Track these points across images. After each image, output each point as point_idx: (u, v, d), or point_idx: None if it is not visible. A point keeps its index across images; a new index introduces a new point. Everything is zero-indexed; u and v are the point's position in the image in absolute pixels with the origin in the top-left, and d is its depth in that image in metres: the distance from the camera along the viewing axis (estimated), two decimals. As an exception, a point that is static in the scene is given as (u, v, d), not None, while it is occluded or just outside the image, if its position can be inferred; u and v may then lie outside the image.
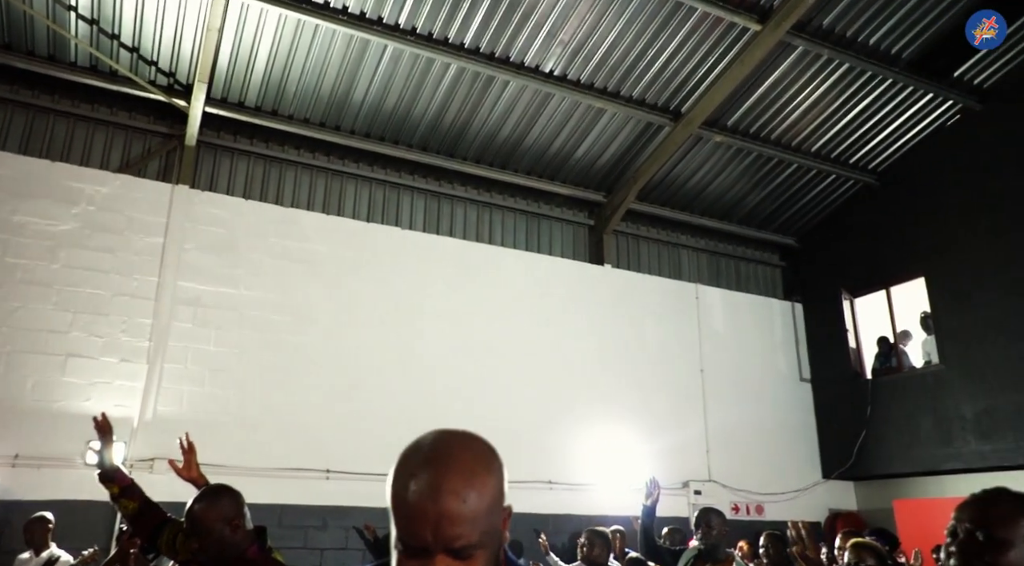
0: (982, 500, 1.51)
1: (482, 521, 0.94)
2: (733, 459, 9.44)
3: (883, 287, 9.82)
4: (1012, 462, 7.95)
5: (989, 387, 8.34)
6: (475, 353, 8.24)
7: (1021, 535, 1.43)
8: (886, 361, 9.75)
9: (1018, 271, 8.21)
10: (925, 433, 8.96)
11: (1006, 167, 8.57)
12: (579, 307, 9.11)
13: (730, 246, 10.96)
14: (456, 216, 9.03)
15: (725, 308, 10.32)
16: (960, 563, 1.46)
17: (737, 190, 10.15)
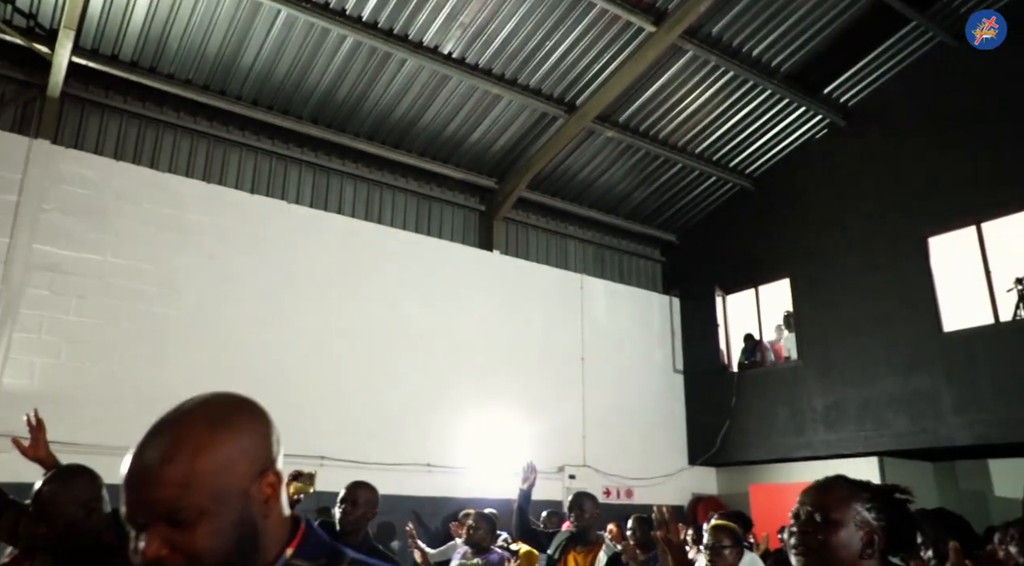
0: (821, 486, 1.64)
1: (203, 484, 0.88)
2: (607, 445, 9.79)
3: (753, 286, 10.44)
4: (853, 450, 8.70)
5: (838, 383, 9.06)
6: (357, 333, 8.10)
7: (851, 517, 1.57)
8: (751, 356, 10.39)
9: (870, 278, 8.93)
10: (781, 423, 9.62)
11: (863, 181, 9.30)
12: (466, 291, 9.14)
13: (615, 239, 11.31)
14: (345, 193, 8.82)
15: (608, 299, 10.65)
16: (799, 541, 1.58)
17: (624, 185, 10.47)
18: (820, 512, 1.58)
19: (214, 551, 0.89)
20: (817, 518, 1.58)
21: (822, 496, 1.62)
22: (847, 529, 1.56)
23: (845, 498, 1.61)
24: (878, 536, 1.58)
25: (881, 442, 8.54)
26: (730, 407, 10.17)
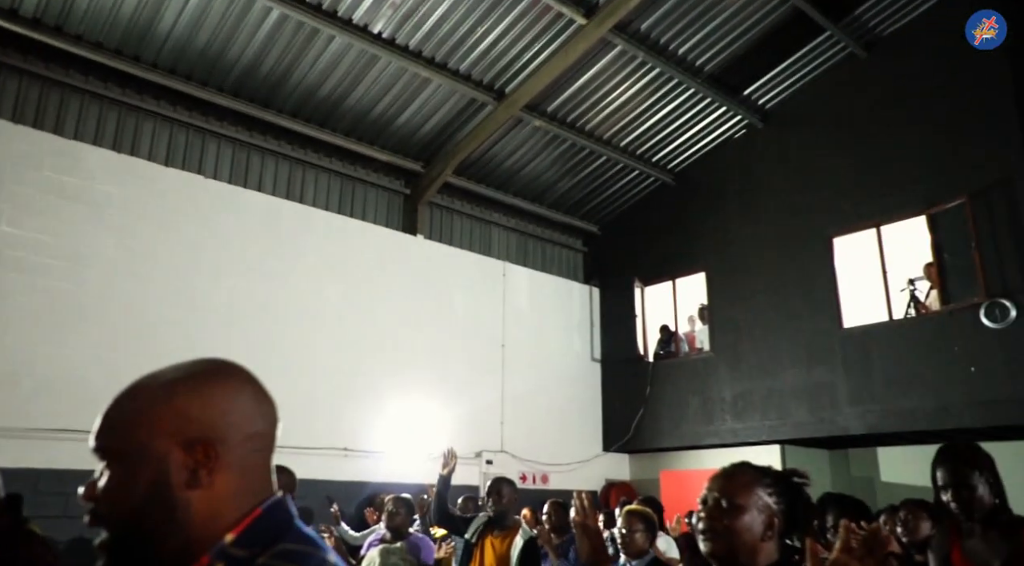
0: (727, 473, 1.73)
1: (122, 429, 0.89)
2: (525, 431, 9.92)
3: (670, 278, 10.75)
4: (757, 438, 9.12)
5: (746, 374, 9.46)
6: (274, 314, 7.91)
7: (754, 502, 1.66)
8: (666, 346, 10.72)
9: (780, 275, 9.35)
10: (692, 412, 9.98)
11: (777, 181, 9.70)
12: (388, 275, 9.05)
13: (539, 228, 11.42)
14: (266, 170, 8.56)
15: (529, 287, 10.76)
16: (706, 526, 1.67)
17: (550, 175, 10.58)
18: (726, 498, 1.67)
19: (118, 502, 0.88)
20: (723, 504, 1.67)
21: (728, 483, 1.71)
22: (750, 513, 1.65)
23: (749, 484, 1.70)
24: (778, 519, 1.68)
25: (783, 431, 8.98)
26: (644, 396, 10.47)
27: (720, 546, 1.64)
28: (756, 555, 1.64)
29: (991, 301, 7.36)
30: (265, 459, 0.98)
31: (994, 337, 7.37)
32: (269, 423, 1.00)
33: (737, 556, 1.63)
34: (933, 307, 8.17)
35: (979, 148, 7.88)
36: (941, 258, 8.03)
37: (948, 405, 7.62)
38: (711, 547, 1.65)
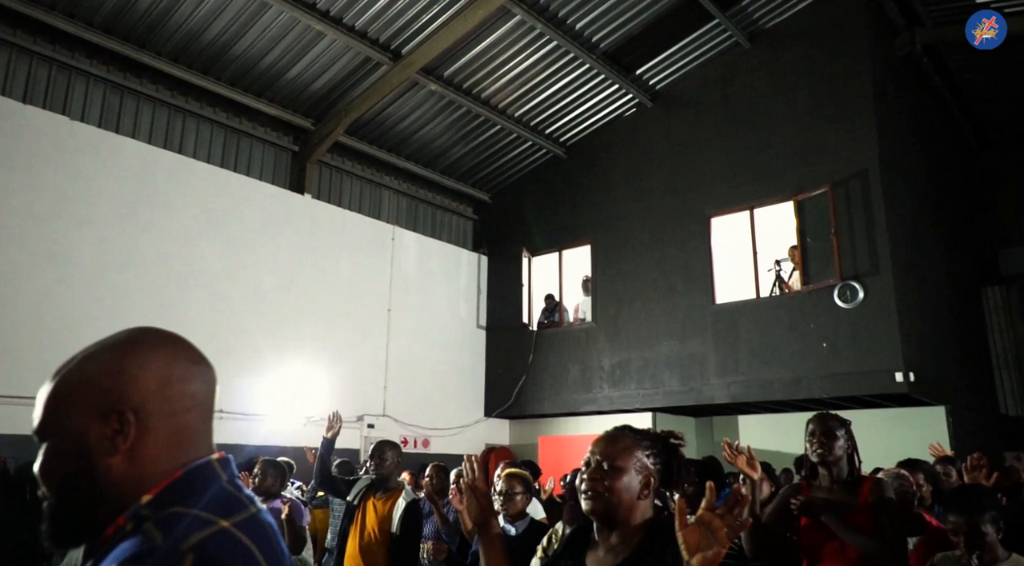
0: (610, 437, 1.84)
1: (46, 412, 0.94)
2: (407, 395, 9.95)
3: (557, 250, 10.99)
4: (632, 406, 9.57)
5: (624, 344, 9.87)
6: (145, 268, 7.48)
7: (633, 463, 1.78)
8: (550, 316, 10.99)
9: (660, 250, 9.76)
10: (572, 380, 10.33)
11: (662, 160, 10.08)
12: (272, 233, 8.76)
13: (430, 193, 11.34)
14: (142, 116, 8.02)
15: (418, 252, 10.71)
16: (588, 487, 1.77)
17: (443, 141, 10.50)
18: (607, 460, 1.78)
19: (50, 476, 0.93)
20: (605, 466, 1.78)
21: (610, 446, 1.81)
22: (629, 475, 1.77)
23: (629, 447, 1.82)
24: (654, 479, 1.81)
25: (656, 399, 9.47)
26: (527, 363, 10.73)
27: (600, 505, 1.75)
28: (633, 512, 1.76)
29: (844, 283, 8.03)
30: (199, 420, 1.01)
31: (844, 316, 8.05)
32: (201, 384, 1.01)
33: (616, 513, 1.75)
34: (795, 287, 8.81)
35: (841, 142, 8.49)
36: (804, 242, 8.65)
37: (802, 377, 8.29)
38: (592, 506, 1.76)
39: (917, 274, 8.60)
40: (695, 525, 1.40)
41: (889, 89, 8.96)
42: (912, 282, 8.39)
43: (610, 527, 1.77)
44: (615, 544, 1.75)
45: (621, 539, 1.74)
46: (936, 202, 10.02)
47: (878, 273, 7.95)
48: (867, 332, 7.89)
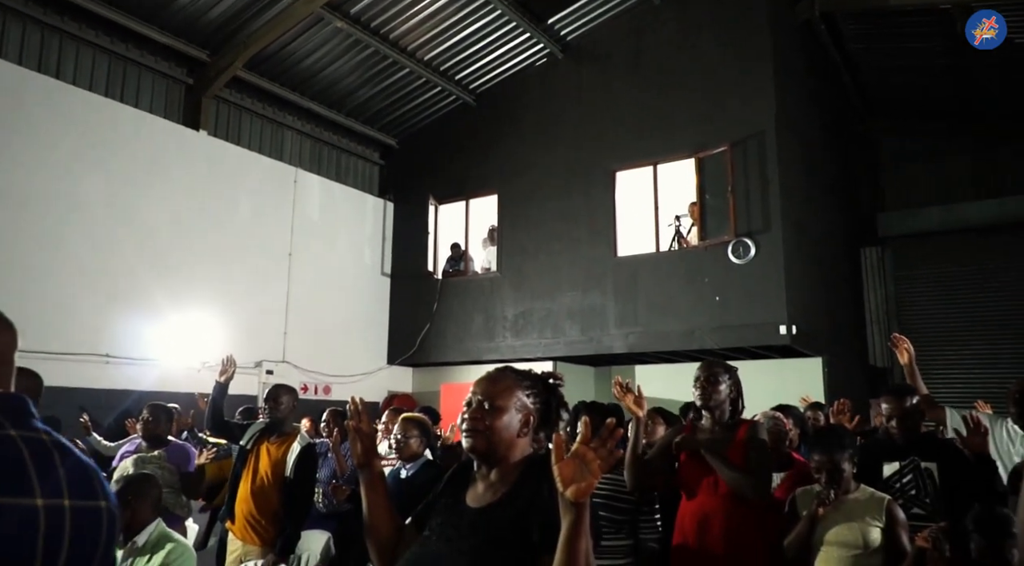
0: (491, 377, 1.88)
1: None
2: (308, 342, 9.79)
3: (464, 198, 10.93)
4: (533, 355, 9.77)
5: (528, 295, 10.02)
6: (18, 201, 6.95)
7: (513, 403, 1.83)
8: (455, 265, 10.99)
9: (566, 202, 9.87)
10: (476, 329, 10.43)
11: (571, 112, 10.11)
12: (163, 170, 8.30)
13: (335, 136, 11.00)
14: (10, 34, 7.34)
15: (322, 196, 10.42)
16: (469, 426, 1.81)
17: (350, 82, 10.16)
18: (488, 400, 1.82)
19: None
20: (486, 406, 1.82)
21: (491, 386, 1.85)
22: (509, 413, 1.82)
23: (510, 387, 1.86)
24: (533, 417, 1.87)
25: (557, 348, 9.70)
26: (431, 312, 10.73)
27: (480, 443, 1.79)
28: (512, 450, 1.82)
29: (737, 240, 8.39)
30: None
31: (736, 271, 8.44)
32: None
33: (495, 451, 1.80)
34: (692, 242, 9.13)
35: (742, 103, 8.75)
36: (703, 199, 8.95)
37: (696, 329, 8.66)
38: (472, 443, 1.80)
39: (804, 233, 9.07)
40: (570, 458, 1.46)
41: (788, 53, 9.27)
42: (799, 241, 8.85)
43: (490, 464, 1.82)
44: (494, 481, 1.80)
45: (500, 476, 1.80)
46: (825, 165, 10.54)
47: (769, 231, 8.34)
48: (756, 287, 8.30)
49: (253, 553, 3.77)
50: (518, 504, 1.71)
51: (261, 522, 3.83)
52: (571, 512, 1.44)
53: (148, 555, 2.76)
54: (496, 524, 1.70)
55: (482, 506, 1.77)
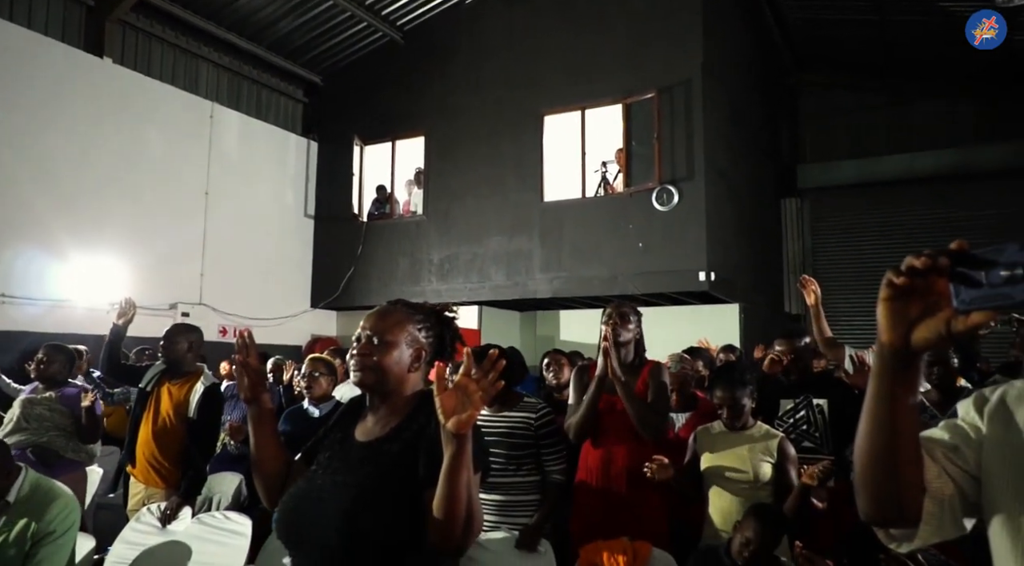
0: (380, 312, 1.84)
1: None
2: (227, 284, 9.51)
3: (391, 139, 10.66)
4: (460, 299, 9.74)
5: (454, 238, 9.94)
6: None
7: (404, 337, 1.80)
8: (381, 207, 10.78)
9: (494, 145, 9.74)
10: (401, 273, 10.32)
11: (501, 53, 9.88)
12: (64, 99, 7.76)
13: (255, 70, 10.50)
14: None
15: (241, 133, 9.99)
16: (357, 361, 1.77)
17: (270, 12, 9.65)
18: (378, 335, 1.78)
19: None
20: (375, 341, 1.78)
21: (380, 321, 1.81)
22: (400, 348, 1.79)
23: (400, 322, 1.83)
24: (426, 351, 1.84)
25: (482, 293, 9.70)
26: (356, 254, 10.54)
27: (369, 377, 1.76)
28: (403, 384, 1.80)
29: (661, 187, 8.48)
30: None
31: (660, 218, 8.55)
32: None
33: (385, 386, 1.77)
34: (618, 189, 9.18)
35: (669, 48, 8.73)
36: (629, 145, 8.97)
37: (618, 275, 8.79)
38: (360, 378, 1.77)
39: (726, 182, 9.24)
40: (453, 390, 1.44)
41: (717, 2, 9.25)
42: (721, 190, 9.01)
43: (381, 399, 1.80)
44: (385, 415, 1.78)
45: (391, 411, 1.78)
46: (750, 116, 10.70)
47: (692, 179, 8.45)
48: (678, 234, 8.45)
49: (157, 496, 3.68)
50: (406, 437, 1.70)
51: (164, 464, 3.74)
52: (452, 444, 1.44)
53: (25, 516, 2.51)
54: (383, 458, 1.68)
55: (370, 440, 1.75)
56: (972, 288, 0.85)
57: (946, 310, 0.90)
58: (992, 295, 0.84)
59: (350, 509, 1.57)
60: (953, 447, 1.10)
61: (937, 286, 0.90)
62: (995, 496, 1.05)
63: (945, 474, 1.07)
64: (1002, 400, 1.11)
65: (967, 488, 1.07)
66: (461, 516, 1.48)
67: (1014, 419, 1.07)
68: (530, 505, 3.11)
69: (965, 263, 0.86)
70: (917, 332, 0.93)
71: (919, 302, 0.92)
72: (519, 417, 3.14)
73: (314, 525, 1.60)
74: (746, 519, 2.71)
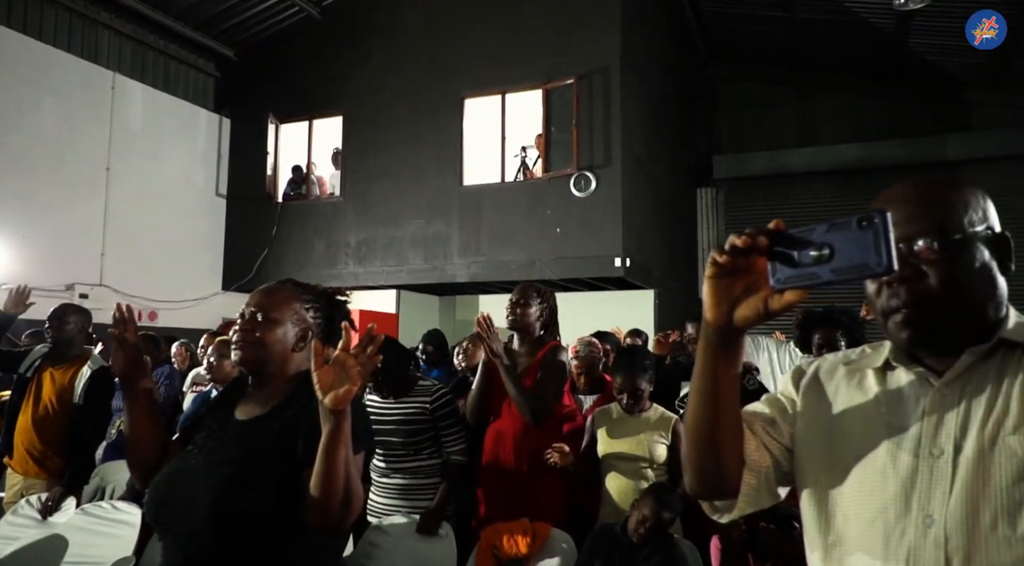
0: (267, 289, 1.80)
1: None
2: (131, 264, 9.08)
3: (308, 118, 10.37)
4: (376, 283, 9.64)
5: (371, 221, 9.77)
6: None
7: (289, 315, 1.75)
8: (297, 188, 10.49)
9: (414, 127, 9.59)
10: (317, 255, 10.09)
11: (423, 32, 9.72)
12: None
13: (162, 41, 10.00)
14: None
15: (146, 107, 9.52)
16: (239, 338, 1.71)
17: (178, -21, 9.22)
18: (262, 312, 1.73)
19: None
20: (259, 317, 1.72)
21: (265, 298, 1.76)
22: (284, 326, 1.74)
23: (287, 299, 1.78)
24: (312, 331, 1.79)
25: (400, 277, 9.59)
26: (270, 236, 10.24)
27: (249, 354, 1.70)
28: (286, 363, 1.75)
29: (579, 173, 8.55)
30: None
31: (577, 204, 8.63)
32: None
33: (268, 365, 1.72)
34: (537, 174, 9.22)
35: (589, 36, 8.78)
36: (549, 131, 9.00)
37: (536, 259, 8.84)
38: (242, 356, 1.71)
39: (643, 170, 9.40)
40: (330, 365, 1.41)
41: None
42: (638, 177, 9.16)
43: (263, 378, 1.75)
44: (267, 394, 1.73)
45: (273, 390, 1.73)
46: (668, 106, 10.90)
47: (610, 166, 8.56)
48: (595, 220, 8.55)
49: (37, 486, 3.47)
50: (287, 416, 1.66)
51: (47, 453, 3.53)
52: (330, 420, 1.41)
53: None
54: (261, 436, 1.63)
55: (249, 418, 1.69)
56: (787, 267, 0.87)
57: (765, 289, 0.91)
58: (803, 275, 0.86)
59: (221, 488, 1.51)
60: (771, 420, 1.14)
61: (758, 265, 0.92)
62: (805, 466, 1.10)
63: (763, 447, 1.11)
64: (815, 374, 1.16)
65: (782, 459, 1.12)
66: (339, 494, 1.45)
67: (825, 392, 1.12)
68: (432, 488, 3.10)
69: (783, 243, 0.88)
70: (739, 310, 0.94)
71: (742, 281, 0.94)
72: (414, 402, 3.11)
73: (183, 506, 1.54)
74: (644, 497, 2.77)
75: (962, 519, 0.91)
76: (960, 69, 10.34)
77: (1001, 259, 1.01)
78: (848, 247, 0.83)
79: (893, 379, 1.06)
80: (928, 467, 0.96)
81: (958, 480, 0.93)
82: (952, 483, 0.93)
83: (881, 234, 0.81)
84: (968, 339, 0.98)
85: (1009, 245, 1.02)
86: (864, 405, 1.06)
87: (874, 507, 0.98)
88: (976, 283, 0.98)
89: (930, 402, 0.99)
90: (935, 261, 0.97)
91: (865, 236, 0.82)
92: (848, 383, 1.10)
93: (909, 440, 0.98)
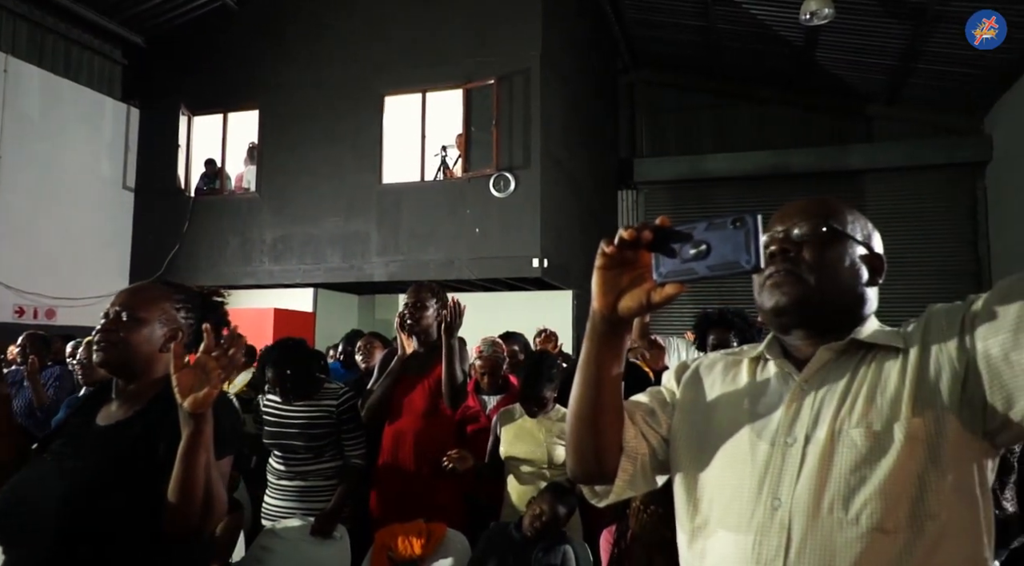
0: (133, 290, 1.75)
1: None
2: (27, 260, 8.61)
3: (223, 111, 10.05)
4: (292, 281, 9.43)
5: (288, 218, 9.55)
6: None
7: (158, 316, 1.69)
8: (210, 182, 10.15)
9: (333, 123, 9.41)
10: (231, 252, 9.78)
11: (341, 30, 9.56)
12: None
13: (62, 24, 9.50)
14: None
15: (44, 93, 9.03)
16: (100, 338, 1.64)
17: (81, -39, 8.78)
18: (127, 311, 1.66)
19: None
20: (124, 317, 1.66)
21: (132, 297, 1.70)
22: (151, 327, 1.68)
23: (155, 299, 1.72)
24: (183, 332, 1.73)
25: (317, 275, 9.40)
26: (181, 232, 9.88)
27: (111, 355, 1.64)
28: (152, 365, 1.69)
29: (499, 173, 8.58)
30: None
31: (496, 204, 8.65)
32: None
33: (132, 366, 1.66)
34: (457, 173, 9.20)
35: (510, 37, 8.82)
36: (469, 131, 8.99)
37: (455, 259, 8.82)
38: (102, 356, 1.64)
39: (562, 171, 9.50)
40: (191, 368, 1.38)
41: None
42: (557, 178, 9.26)
43: (127, 381, 1.68)
44: (130, 398, 1.67)
45: (137, 393, 1.67)
46: (589, 109, 11.05)
47: (529, 167, 8.61)
48: (513, 221, 8.59)
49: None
50: (148, 420, 1.60)
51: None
52: (190, 423, 1.39)
53: None
54: (120, 441, 1.57)
55: (110, 424, 1.63)
56: (669, 262, 0.91)
57: (649, 281, 0.95)
58: (683, 269, 0.90)
59: (70, 496, 1.45)
60: (651, 411, 1.19)
61: (643, 259, 0.95)
62: (679, 455, 1.16)
63: (641, 436, 1.16)
64: (696, 369, 1.23)
65: (659, 449, 1.17)
66: (197, 500, 1.42)
67: (703, 385, 1.19)
68: (330, 490, 3.05)
69: (669, 238, 0.91)
70: (624, 301, 0.98)
71: (629, 273, 0.98)
72: (320, 405, 3.06)
73: (31, 515, 1.46)
74: (541, 494, 2.81)
75: (806, 503, 0.97)
76: (860, 82, 10.87)
77: (872, 272, 1.10)
78: (722, 245, 0.87)
79: (763, 372, 1.13)
80: (781, 454, 1.02)
81: (806, 467, 0.99)
82: (800, 470, 0.99)
83: (752, 234, 0.85)
84: (826, 330, 1.07)
85: (882, 266, 1.12)
86: (734, 396, 1.13)
87: (733, 490, 1.04)
88: (842, 273, 1.07)
89: (791, 395, 1.06)
90: (811, 242, 1.08)
91: (738, 235, 0.86)
92: (724, 376, 1.17)
93: (769, 429, 1.05)
